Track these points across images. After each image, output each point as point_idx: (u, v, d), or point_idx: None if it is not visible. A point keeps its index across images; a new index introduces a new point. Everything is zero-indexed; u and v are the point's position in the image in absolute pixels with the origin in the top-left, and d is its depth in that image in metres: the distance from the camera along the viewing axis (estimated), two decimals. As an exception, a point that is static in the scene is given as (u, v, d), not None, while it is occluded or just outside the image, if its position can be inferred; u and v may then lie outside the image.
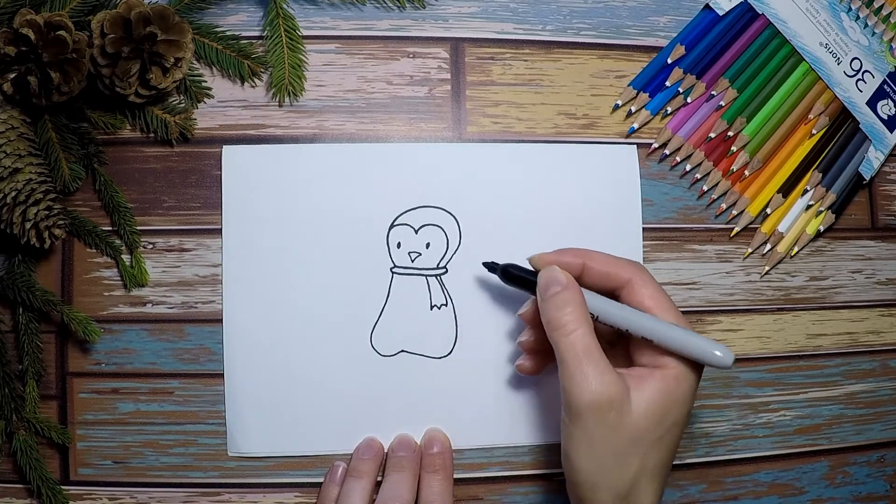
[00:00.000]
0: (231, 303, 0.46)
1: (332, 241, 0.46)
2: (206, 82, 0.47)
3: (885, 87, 0.51)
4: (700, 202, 0.49)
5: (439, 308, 0.47)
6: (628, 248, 0.48)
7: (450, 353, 0.46)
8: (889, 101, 0.51)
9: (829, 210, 0.50)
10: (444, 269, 0.47)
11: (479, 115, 0.48)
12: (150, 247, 0.46)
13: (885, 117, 0.51)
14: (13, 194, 0.40)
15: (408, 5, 0.48)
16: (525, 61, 0.49)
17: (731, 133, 0.49)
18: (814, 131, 0.50)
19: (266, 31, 0.46)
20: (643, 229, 0.48)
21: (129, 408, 0.46)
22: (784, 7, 0.50)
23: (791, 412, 0.49)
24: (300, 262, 0.46)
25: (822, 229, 0.50)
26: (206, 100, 0.47)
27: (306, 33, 0.47)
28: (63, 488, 0.45)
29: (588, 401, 0.36)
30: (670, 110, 0.49)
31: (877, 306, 0.51)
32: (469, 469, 0.47)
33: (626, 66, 0.49)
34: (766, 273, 0.50)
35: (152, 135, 0.47)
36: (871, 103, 0.51)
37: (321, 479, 0.46)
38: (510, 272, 0.43)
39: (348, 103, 0.48)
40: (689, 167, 0.49)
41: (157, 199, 0.47)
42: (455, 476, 0.46)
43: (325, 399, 0.46)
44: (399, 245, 0.47)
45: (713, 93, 0.49)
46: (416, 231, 0.47)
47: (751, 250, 0.49)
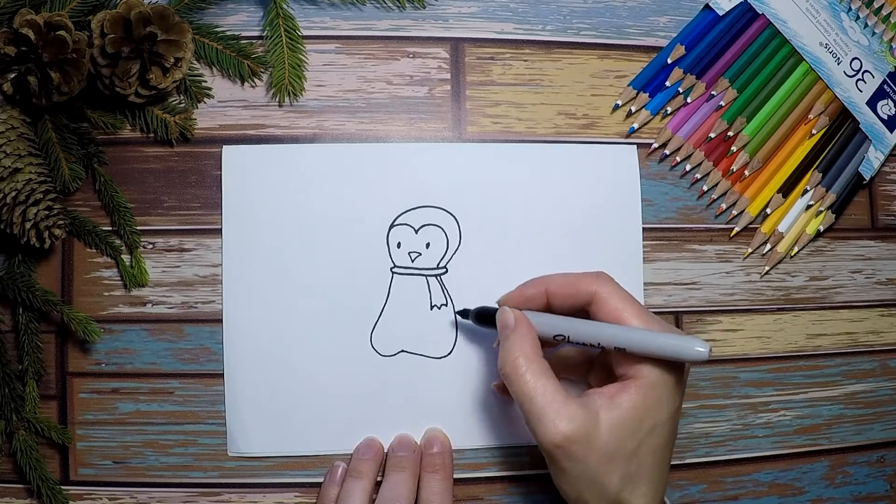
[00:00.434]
0: (231, 303, 0.46)
1: (332, 241, 0.46)
2: (206, 82, 0.47)
3: (885, 87, 0.51)
4: (700, 202, 0.49)
5: (439, 308, 0.47)
6: (628, 248, 0.48)
7: (450, 353, 0.46)
8: (889, 101, 0.51)
9: (829, 210, 0.50)
10: (444, 269, 0.47)
11: (479, 115, 0.48)
12: (150, 247, 0.46)
13: (885, 117, 0.51)
14: (13, 194, 0.40)
15: (408, 5, 0.48)
16: (525, 61, 0.49)
17: (731, 133, 0.49)
18: (814, 131, 0.50)
19: (266, 31, 0.46)
20: (643, 229, 0.48)
21: (129, 408, 0.46)
22: (784, 7, 0.50)
23: (791, 412, 0.49)
24: (300, 262, 0.46)
25: (822, 229, 0.50)
26: (206, 100, 0.47)
27: (306, 33, 0.47)
28: (63, 488, 0.45)
29: (548, 442, 0.37)
30: (670, 110, 0.49)
31: (877, 306, 0.51)
32: (469, 469, 0.47)
33: (626, 66, 0.49)
34: (766, 273, 0.50)
35: (152, 135, 0.47)
36: (871, 103, 0.51)
37: (321, 479, 0.46)
38: (481, 315, 0.44)
39: (348, 103, 0.48)
40: (689, 167, 0.49)
41: (157, 199, 0.47)
42: (455, 476, 0.46)
43: (325, 399, 0.46)
44: (399, 245, 0.47)
45: (713, 93, 0.49)
46: (416, 231, 0.47)
47: (751, 250, 0.49)
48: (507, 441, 0.47)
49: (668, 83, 0.49)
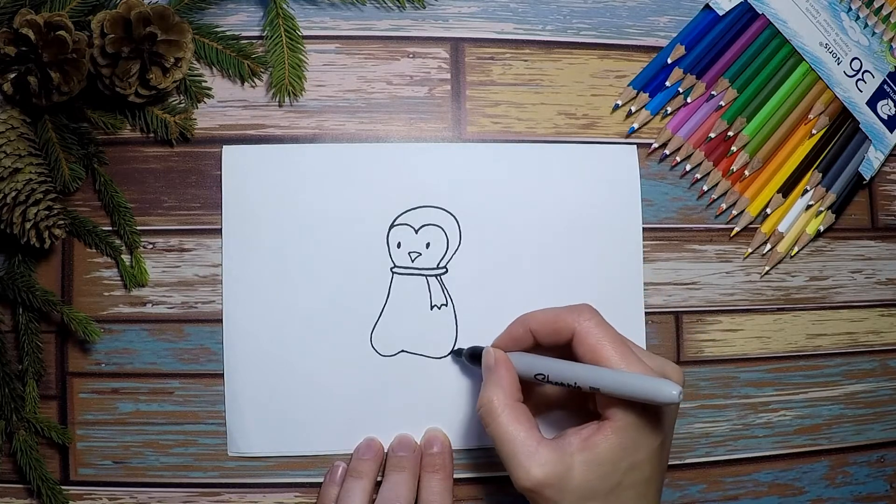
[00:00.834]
0: (231, 303, 0.46)
1: (332, 241, 0.46)
2: (206, 82, 0.47)
3: (885, 87, 0.51)
4: (700, 202, 0.49)
5: (439, 308, 0.47)
6: (628, 248, 0.48)
7: (450, 353, 0.46)
8: (889, 101, 0.51)
9: (829, 210, 0.50)
10: (444, 269, 0.47)
11: (479, 115, 0.48)
12: (150, 247, 0.46)
13: (885, 117, 0.51)
14: (13, 194, 0.40)
15: (408, 5, 0.48)
16: (525, 61, 0.49)
17: (731, 133, 0.49)
18: (814, 131, 0.50)
19: (266, 31, 0.46)
20: (643, 229, 0.48)
21: (129, 408, 0.46)
22: (784, 7, 0.50)
23: (791, 412, 0.49)
24: (300, 262, 0.46)
25: (822, 229, 0.50)
26: (206, 100, 0.47)
27: (306, 33, 0.47)
28: (63, 488, 0.45)
29: (520, 487, 0.37)
30: (670, 110, 0.49)
31: (877, 306, 0.51)
32: (469, 469, 0.47)
33: (626, 66, 0.49)
34: (766, 273, 0.50)
35: (152, 135, 0.47)
36: (871, 103, 0.51)
37: (321, 479, 0.46)
38: (473, 355, 0.44)
39: (348, 103, 0.48)
40: (689, 167, 0.49)
41: (157, 199, 0.47)
42: (455, 476, 0.46)
43: (325, 399, 0.46)
44: (399, 245, 0.47)
45: (713, 93, 0.49)
46: (416, 231, 0.47)
47: (751, 250, 0.49)
48: (507, 441, 0.47)
49: (668, 83, 0.49)
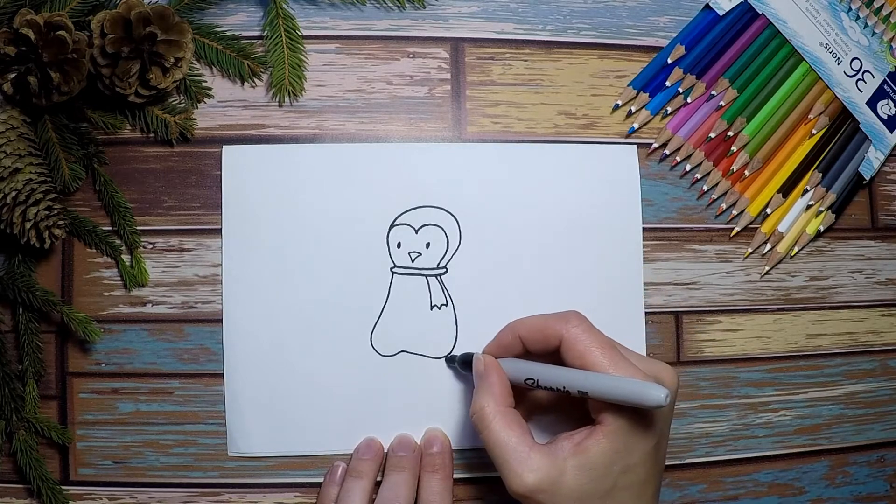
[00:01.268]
0: (231, 303, 0.46)
1: (332, 241, 0.46)
2: (206, 82, 0.47)
3: (885, 87, 0.51)
4: (700, 202, 0.49)
5: (439, 308, 0.47)
6: (628, 248, 0.48)
7: (450, 353, 0.46)
8: (889, 101, 0.51)
9: (829, 210, 0.50)
10: (444, 269, 0.47)
11: (479, 115, 0.48)
12: (150, 247, 0.46)
13: (885, 117, 0.51)
14: (13, 194, 0.40)
15: (408, 5, 0.48)
16: (525, 61, 0.49)
17: (731, 133, 0.49)
18: (814, 131, 0.50)
19: (266, 31, 0.46)
20: (643, 229, 0.48)
21: (129, 408, 0.46)
22: (784, 7, 0.50)
23: (791, 412, 0.49)
24: (300, 262, 0.46)
25: (822, 229, 0.50)
26: (206, 100, 0.47)
27: (306, 33, 0.47)
28: (63, 488, 0.45)
29: (513, 492, 0.37)
30: (670, 110, 0.49)
31: (877, 306, 0.51)
32: (469, 469, 0.47)
33: (626, 66, 0.49)
34: (766, 273, 0.50)
35: (152, 135, 0.47)
36: (871, 103, 0.51)
37: (321, 479, 0.46)
38: (465, 361, 0.44)
39: (348, 103, 0.48)
40: (689, 167, 0.49)
41: (157, 199, 0.47)
42: (455, 476, 0.46)
43: (325, 399, 0.46)
44: (399, 245, 0.47)
45: (713, 93, 0.49)
46: (417, 231, 0.47)
47: (751, 250, 0.49)
48: (507, 441, 0.47)
49: (668, 83, 0.49)
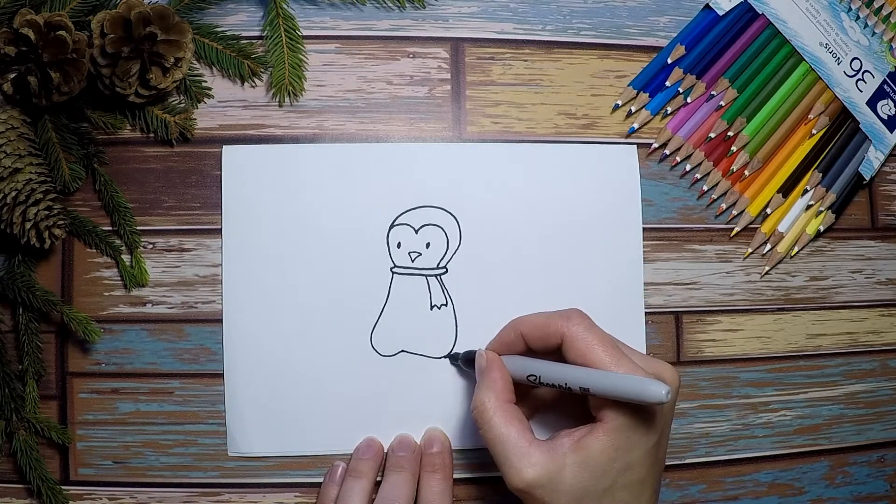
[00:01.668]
0: (231, 303, 0.46)
1: (332, 241, 0.46)
2: (206, 82, 0.47)
3: (885, 87, 0.51)
4: (700, 202, 0.49)
5: (439, 308, 0.47)
6: (628, 248, 0.48)
7: (450, 353, 0.46)
8: (889, 101, 0.51)
9: (829, 210, 0.50)
10: (444, 269, 0.47)
11: (479, 115, 0.48)
12: (150, 247, 0.46)
13: (885, 117, 0.51)
14: (13, 194, 0.40)
15: (408, 5, 0.48)
16: (525, 61, 0.49)
17: (731, 133, 0.49)
18: (814, 131, 0.50)
19: (266, 31, 0.46)
20: (643, 229, 0.48)
21: (129, 408, 0.46)
22: (784, 7, 0.50)
23: (791, 412, 0.49)
24: (300, 262, 0.46)
25: (822, 229, 0.50)
26: (206, 100, 0.47)
27: (306, 33, 0.47)
28: (63, 488, 0.45)
29: (513, 487, 0.37)
30: (670, 110, 0.49)
31: (877, 306, 0.51)
32: (468, 469, 0.47)
33: (626, 66, 0.49)
34: (766, 273, 0.50)
35: (152, 135, 0.47)
36: (871, 103, 0.51)
37: (321, 479, 0.46)
38: (468, 358, 0.45)
39: (348, 103, 0.48)
40: (689, 167, 0.49)
41: (157, 199, 0.47)
42: (455, 476, 0.46)
43: (325, 399, 0.46)
44: (399, 245, 0.47)
45: (713, 93, 0.49)
46: (416, 231, 0.47)
47: (751, 250, 0.49)
48: (507, 441, 0.47)
49: (668, 83, 0.49)
